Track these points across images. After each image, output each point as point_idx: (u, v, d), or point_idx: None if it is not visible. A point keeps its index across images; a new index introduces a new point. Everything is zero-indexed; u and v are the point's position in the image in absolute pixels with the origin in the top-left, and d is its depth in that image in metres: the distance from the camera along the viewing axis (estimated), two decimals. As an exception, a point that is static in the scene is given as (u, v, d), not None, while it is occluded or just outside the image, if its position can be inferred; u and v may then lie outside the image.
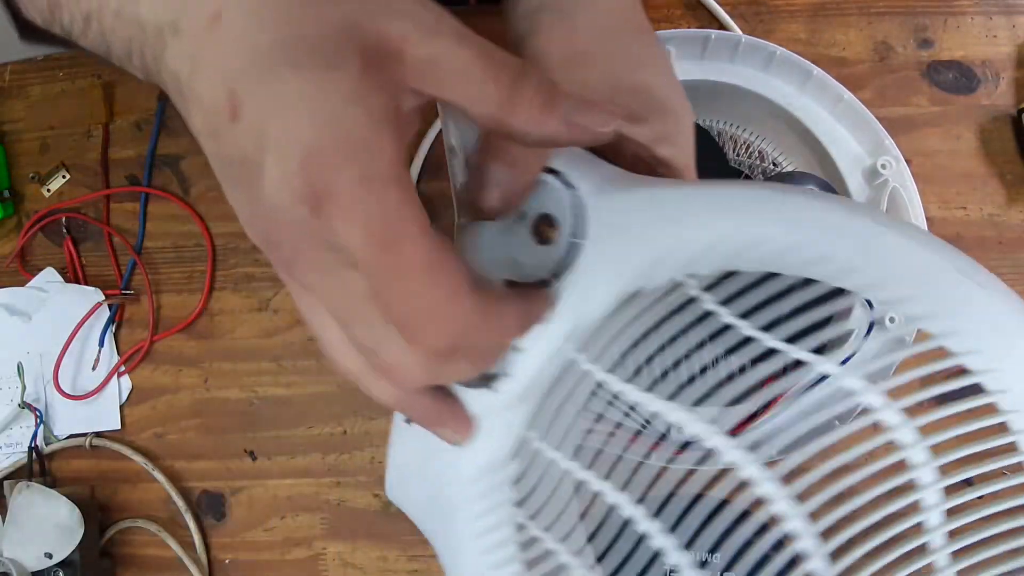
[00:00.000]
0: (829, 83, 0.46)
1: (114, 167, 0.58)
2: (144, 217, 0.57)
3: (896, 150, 0.46)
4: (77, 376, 0.56)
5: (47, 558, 0.51)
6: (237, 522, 0.55)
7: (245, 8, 0.23)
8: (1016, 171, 0.53)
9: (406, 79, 0.23)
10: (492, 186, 0.27)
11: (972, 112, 0.54)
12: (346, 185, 0.21)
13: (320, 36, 0.22)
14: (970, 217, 0.53)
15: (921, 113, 0.54)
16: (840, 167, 0.47)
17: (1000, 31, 0.54)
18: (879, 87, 0.54)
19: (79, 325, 0.56)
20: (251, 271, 0.56)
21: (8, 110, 0.59)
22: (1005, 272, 0.52)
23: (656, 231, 0.28)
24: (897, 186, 0.46)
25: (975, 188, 0.53)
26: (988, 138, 0.53)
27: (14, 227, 0.59)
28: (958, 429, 0.25)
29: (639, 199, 0.28)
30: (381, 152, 0.22)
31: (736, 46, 0.47)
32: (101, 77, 0.58)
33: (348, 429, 0.55)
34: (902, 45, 0.54)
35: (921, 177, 0.49)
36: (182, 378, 0.56)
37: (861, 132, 0.47)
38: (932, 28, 0.55)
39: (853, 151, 0.47)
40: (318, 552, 0.54)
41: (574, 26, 0.30)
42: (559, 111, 0.25)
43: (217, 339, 0.56)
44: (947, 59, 0.54)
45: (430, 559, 0.53)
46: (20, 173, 0.59)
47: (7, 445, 0.57)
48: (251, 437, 0.55)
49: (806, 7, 0.55)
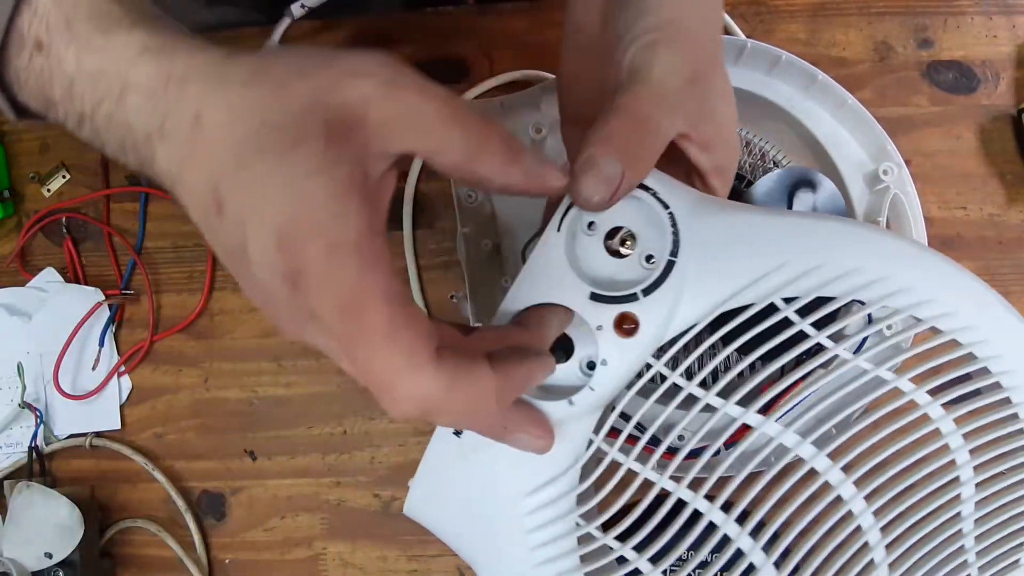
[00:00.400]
0: (833, 87, 0.46)
1: (114, 167, 0.58)
2: (144, 217, 0.57)
3: (898, 156, 0.46)
4: (77, 376, 0.56)
5: (47, 558, 0.51)
6: (237, 522, 0.55)
7: (223, 106, 0.24)
8: (1016, 171, 0.53)
9: (370, 144, 0.24)
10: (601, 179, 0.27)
11: (972, 112, 0.54)
12: (314, 257, 0.23)
13: (285, 117, 0.24)
14: (970, 217, 0.53)
15: (921, 113, 0.54)
16: (841, 170, 0.47)
17: (1000, 31, 0.54)
18: (879, 87, 0.54)
19: (79, 325, 0.56)
20: (251, 271, 0.56)
21: (8, 110, 0.59)
22: (1005, 272, 0.52)
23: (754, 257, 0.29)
24: (898, 192, 0.46)
25: (975, 188, 0.53)
26: (988, 138, 0.53)
27: (14, 227, 0.59)
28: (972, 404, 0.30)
29: (734, 223, 0.30)
30: (346, 220, 0.23)
31: (741, 51, 0.47)
32: (101, 77, 0.58)
33: (348, 429, 0.55)
34: (902, 45, 0.54)
35: (921, 177, 0.49)
36: (182, 378, 0.56)
37: (863, 136, 0.47)
38: (932, 28, 0.55)
39: (855, 155, 0.47)
40: (318, 552, 0.54)
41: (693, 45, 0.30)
42: (520, 163, 0.26)
43: (217, 339, 0.56)
44: (947, 59, 0.54)
45: (430, 559, 0.53)
46: (20, 173, 0.59)
47: (7, 445, 0.57)
48: (251, 437, 0.55)
49: (806, 7, 0.55)
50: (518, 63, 0.56)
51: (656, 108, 0.28)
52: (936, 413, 0.30)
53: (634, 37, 0.29)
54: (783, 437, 0.30)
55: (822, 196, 0.44)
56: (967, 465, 0.30)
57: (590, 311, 0.30)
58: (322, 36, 0.57)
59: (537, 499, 0.31)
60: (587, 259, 0.30)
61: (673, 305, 0.29)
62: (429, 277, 0.55)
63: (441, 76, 0.56)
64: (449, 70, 0.56)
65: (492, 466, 0.30)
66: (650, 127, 0.28)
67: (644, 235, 0.30)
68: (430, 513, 0.32)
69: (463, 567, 0.53)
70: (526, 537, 0.31)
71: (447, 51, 0.57)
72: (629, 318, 0.29)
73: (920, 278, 0.29)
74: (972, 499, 0.31)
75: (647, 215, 0.30)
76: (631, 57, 0.29)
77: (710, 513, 0.30)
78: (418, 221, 0.55)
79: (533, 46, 0.56)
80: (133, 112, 0.25)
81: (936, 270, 0.30)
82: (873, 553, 0.30)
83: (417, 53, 0.57)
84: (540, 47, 0.56)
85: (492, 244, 0.45)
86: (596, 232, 0.30)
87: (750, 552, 0.30)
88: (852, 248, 0.29)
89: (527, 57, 0.56)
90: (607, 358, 0.29)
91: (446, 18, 0.57)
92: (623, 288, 0.29)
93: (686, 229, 0.29)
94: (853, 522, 0.30)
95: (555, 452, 0.30)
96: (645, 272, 0.30)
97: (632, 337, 0.29)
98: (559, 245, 0.30)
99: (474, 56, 0.56)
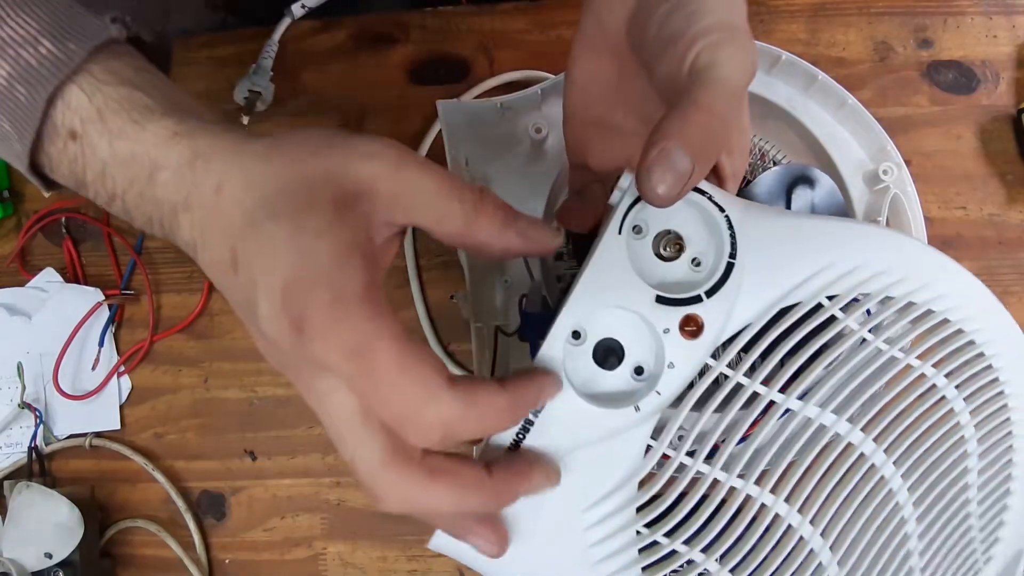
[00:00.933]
0: (833, 87, 0.46)
1: (114, 167, 0.58)
2: (144, 217, 0.57)
3: (898, 155, 0.46)
4: (77, 376, 0.56)
5: (47, 558, 0.51)
6: (237, 522, 0.55)
7: (241, 176, 0.26)
8: (1016, 171, 0.53)
9: (376, 214, 0.27)
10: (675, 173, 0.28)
11: (972, 112, 0.54)
12: (319, 308, 0.24)
13: (298, 187, 0.26)
14: (970, 217, 0.53)
15: (921, 113, 0.54)
16: (841, 170, 0.47)
17: (1000, 31, 0.54)
18: (879, 87, 0.54)
19: (79, 325, 0.56)
20: (251, 271, 0.56)
21: (8, 110, 0.59)
22: (1005, 272, 0.52)
23: (804, 259, 0.31)
24: (898, 192, 0.46)
25: (975, 188, 0.53)
26: (988, 138, 0.53)
27: (14, 227, 0.59)
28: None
29: (782, 227, 0.31)
30: (351, 276, 0.25)
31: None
32: (101, 77, 0.58)
33: (348, 429, 0.55)
34: (902, 45, 0.55)
35: (921, 177, 0.49)
36: (182, 378, 0.56)
37: (863, 136, 0.47)
38: (932, 28, 0.55)
39: (855, 155, 0.47)
40: (318, 552, 0.54)
41: (749, 48, 0.30)
42: (516, 226, 0.29)
43: (217, 339, 0.56)
44: (947, 59, 0.54)
45: (430, 559, 0.53)
46: (20, 173, 0.58)
47: (7, 445, 0.57)
48: (251, 437, 0.55)
49: (806, 7, 0.55)
50: (518, 63, 0.56)
51: (728, 106, 0.29)
52: (951, 393, 0.32)
53: (696, 36, 0.29)
54: (823, 418, 0.31)
55: (820, 192, 0.44)
56: (972, 438, 0.33)
57: (657, 314, 0.30)
58: (322, 36, 0.58)
59: (597, 513, 0.30)
60: (638, 262, 0.30)
61: (731, 306, 0.30)
62: (429, 277, 0.55)
63: (441, 76, 0.56)
64: (449, 70, 0.56)
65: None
66: (721, 125, 0.29)
67: (692, 238, 0.30)
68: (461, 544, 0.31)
69: (463, 567, 0.53)
70: (585, 553, 0.30)
71: (447, 51, 0.57)
72: (694, 320, 0.30)
73: (935, 277, 0.32)
74: (975, 468, 0.34)
75: (698, 218, 0.31)
76: (697, 56, 0.29)
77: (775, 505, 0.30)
78: (418, 221, 0.55)
79: (533, 46, 0.56)
80: (162, 188, 0.27)
81: (946, 269, 0.32)
82: (903, 511, 0.32)
83: (417, 53, 0.57)
84: (540, 47, 0.56)
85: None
86: (645, 236, 0.30)
87: (810, 538, 0.31)
88: (886, 250, 0.31)
89: (527, 57, 0.56)
90: (674, 361, 0.29)
91: (446, 18, 0.57)
92: (675, 291, 0.30)
93: (740, 232, 0.30)
94: (885, 485, 0.32)
95: (614, 461, 0.30)
96: (693, 275, 0.30)
97: (697, 339, 0.29)
98: (621, 248, 0.30)
99: (474, 56, 0.56)
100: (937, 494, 0.33)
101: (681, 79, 0.29)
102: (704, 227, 0.31)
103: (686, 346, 0.29)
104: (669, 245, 0.30)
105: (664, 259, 0.30)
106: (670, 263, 0.30)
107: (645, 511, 0.31)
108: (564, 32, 0.56)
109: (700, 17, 0.30)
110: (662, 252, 0.30)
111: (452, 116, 0.46)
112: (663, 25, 0.31)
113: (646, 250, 0.30)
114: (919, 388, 0.32)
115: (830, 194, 0.44)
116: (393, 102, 0.56)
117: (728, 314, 0.30)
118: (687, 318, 0.30)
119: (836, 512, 0.31)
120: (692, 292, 0.30)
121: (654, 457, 0.30)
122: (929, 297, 0.31)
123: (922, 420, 0.32)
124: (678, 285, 0.30)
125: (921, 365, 0.32)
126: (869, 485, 0.31)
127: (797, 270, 0.30)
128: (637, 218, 0.30)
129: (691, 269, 0.30)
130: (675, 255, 0.30)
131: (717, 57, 0.29)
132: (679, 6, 0.30)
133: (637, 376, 0.30)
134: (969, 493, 0.34)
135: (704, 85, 0.28)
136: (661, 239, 0.31)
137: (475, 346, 0.45)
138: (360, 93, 0.57)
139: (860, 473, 0.31)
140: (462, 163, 0.46)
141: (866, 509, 0.31)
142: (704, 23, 0.29)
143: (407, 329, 0.25)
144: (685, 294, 0.30)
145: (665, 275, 0.30)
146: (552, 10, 0.56)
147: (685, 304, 0.30)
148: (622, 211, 0.30)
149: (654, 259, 0.30)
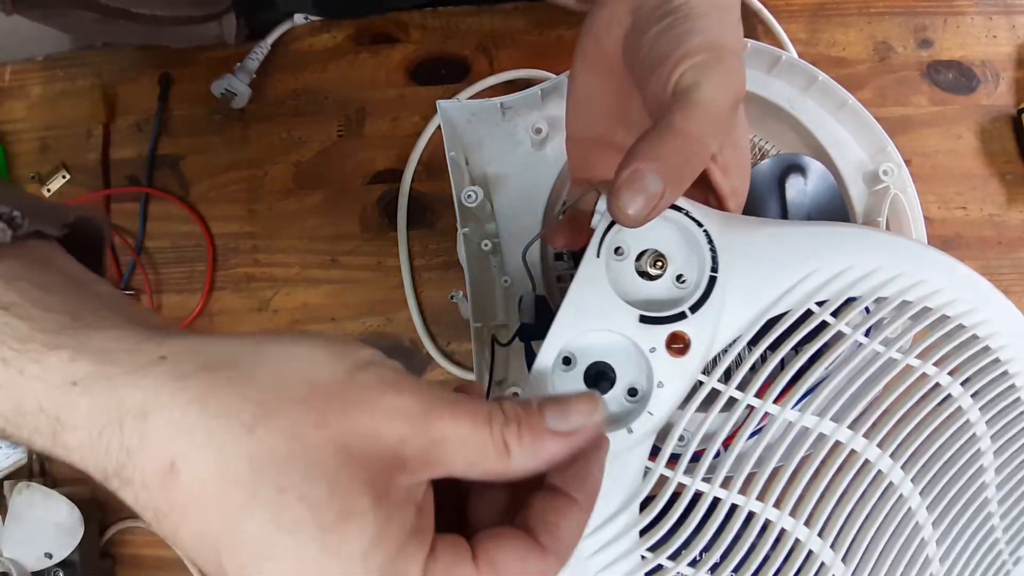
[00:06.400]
0: (833, 87, 0.46)
1: (114, 167, 0.58)
2: (144, 217, 0.57)
3: (898, 156, 0.46)
4: (77, 376, 0.56)
5: (47, 558, 0.51)
6: (237, 522, 0.55)
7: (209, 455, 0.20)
8: (1016, 171, 0.53)
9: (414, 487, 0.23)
10: (645, 194, 0.27)
11: (972, 112, 0.54)
12: None
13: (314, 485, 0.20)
14: (970, 217, 0.53)
15: (921, 113, 0.54)
16: (841, 170, 0.46)
17: (1000, 31, 0.54)
18: (879, 87, 0.54)
19: (79, 325, 0.56)
20: (251, 271, 0.56)
21: (8, 110, 0.59)
22: (1005, 272, 0.52)
23: (788, 267, 0.30)
24: (898, 192, 0.46)
25: (975, 188, 0.53)
26: (988, 138, 0.53)
27: (14, 227, 0.58)
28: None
29: (763, 237, 0.31)
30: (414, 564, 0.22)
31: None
32: (101, 77, 0.58)
33: (348, 429, 0.55)
34: (902, 45, 0.54)
35: (921, 177, 0.49)
36: (182, 378, 0.56)
37: (863, 136, 0.47)
38: (932, 28, 0.55)
39: (855, 155, 0.47)
40: (318, 552, 0.54)
41: (737, 69, 0.30)
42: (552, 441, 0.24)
43: (217, 339, 0.56)
44: (947, 59, 0.54)
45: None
46: (20, 173, 0.59)
47: (7, 445, 0.56)
48: (251, 437, 0.55)
49: (806, 7, 0.55)
50: (518, 63, 0.56)
51: (706, 129, 0.28)
52: (957, 391, 0.32)
53: (682, 56, 0.29)
54: (822, 426, 0.30)
55: (812, 179, 0.44)
56: (985, 436, 0.32)
57: (642, 334, 0.29)
58: (322, 36, 0.58)
59: (598, 539, 0.30)
60: (621, 283, 0.30)
61: (717, 320, 0.29)
62: (429, 277, 0.55)
63: (441, 76, 0.56)
64: (449, 70, 0.56)
65: None
66: (698, 148, 0.28)
67: (674, 255, 0.30)
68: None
69: None
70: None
71: (447, 51, 0.57)
72: (679, 337, 0.29)
73: (929, 273, 0.31)
74: (992, 466, 0.33)
75: (678, 235, 0.31)
76: (681, 76, 0.29)
77: (781, 520, 0.30)
78: (418, 221, 0.55)
79: (533, 46, 0.56)
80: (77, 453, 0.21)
81: (941, 265, 0.32)
82: (917, 517, 0.32)
83: (417, 53, 0.57)
84: (540, 47, 0.56)
85: (492, 244, 0.45)
86: (625, 256, 0.30)
87: (820, 551, 0.30)
88: (874, 251, 0.31)
89: (527, 57, 0.56)
90: (663, 380, 0.29)
91: (446, 18, 0.57)
92: (662, 309, 0.30)
93: (720, 245, 0.30)
94: (895, 492, 0.31)
95: (612, 487, 0.29)
96: (679, 291, 0.30)
97: (684, 356, 0.29)
98: (600, 270, 0.30)
99: (474, 56, 0.56)
100: (952, 497, 0.32)
101: (665, 100, 0.29)
102: (684, 243, 0.31)
103: (674, 364, 0.29)
104: (652, 264, 0.30)
105: (649, 278, 0.30)
106: (655, 282, 0.30)
107: (648, 535, 0.30)
108: (564, 32, 0.56)
109: (688, 37, 0.29)
110: (648, 271, 0.30)
111: (452, 116, 0.46)
112: (653, 45, 0.30)
113: (628, 270, 0.30)
114: (922, 388, 0.31)
115: (822, 179, 0.44)
116: (393, 102, 0.56)
117: (715, 328, 0.30)
118: (673, 336, 0.29)
119: (845, 522, 0.30)
120: (676, 309, 0.30)
121: (652, 479, 0.30)
122: (924, 294, 0.31)
123: (928, 421, 0.31)
124: (665, 303, 0.30)
125: (922, 365, 0.31)
126: (878, 492, 0.31)
127: (782, 278, 0.30)
128: (616, 239, 0.30)
129: (676, 286, 0.30)
130: (659, 273, 0.30)
131: (699, 78, 0.29)
132: (669, 27, 0.30)
133: (631, 398, 0.30)
134: (987, 492, 0.33)
135: (683, 106, 0.28)
136: (642, 258, 0.31)
137: (475, 346, 0.45)
138: (360, 93, 0.57)
139: (867, 480, 0.31)
140: (462, 163, 0.46)
141: (877, 517, 0.31)
142: (691, 44, 0.29)
143: (407, 329, 0.24)
144: (669, 312, 0.30)
145: (651, 294, 0.30)
146: (552, 10, 0.56)
147: (670, 322, 0.30)
148: (599, 234, 0.30)
149: (637, 279, 0.30)
